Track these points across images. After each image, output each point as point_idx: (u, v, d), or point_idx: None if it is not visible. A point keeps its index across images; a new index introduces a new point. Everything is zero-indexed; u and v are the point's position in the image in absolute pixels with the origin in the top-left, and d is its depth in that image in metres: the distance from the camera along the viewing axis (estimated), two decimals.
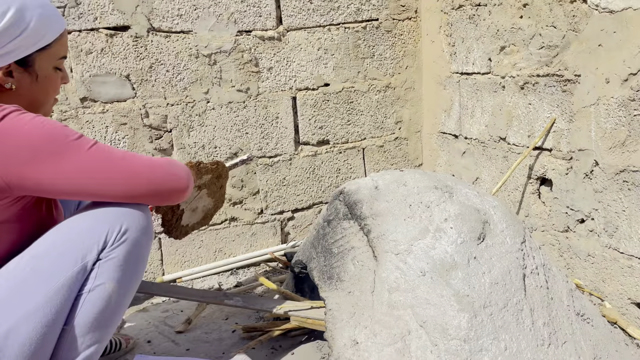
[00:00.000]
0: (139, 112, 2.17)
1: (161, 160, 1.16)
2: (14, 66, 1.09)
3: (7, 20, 1.04)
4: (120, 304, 1.15)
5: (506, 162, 2.22)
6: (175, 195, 1.16)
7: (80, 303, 1.08)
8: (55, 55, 1.16)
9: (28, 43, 1.08)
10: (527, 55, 2.02)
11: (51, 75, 1.16)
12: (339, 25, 2.47)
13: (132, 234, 1.13)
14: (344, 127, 2.58)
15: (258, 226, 2.48)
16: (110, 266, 1.10)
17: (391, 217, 1.36)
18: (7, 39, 1.05)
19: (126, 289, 1.15)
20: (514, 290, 1.23)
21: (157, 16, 2.14)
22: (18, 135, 1.00)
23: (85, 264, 1.07)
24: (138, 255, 1.15)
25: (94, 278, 1.09)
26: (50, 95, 1.19)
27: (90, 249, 1.08)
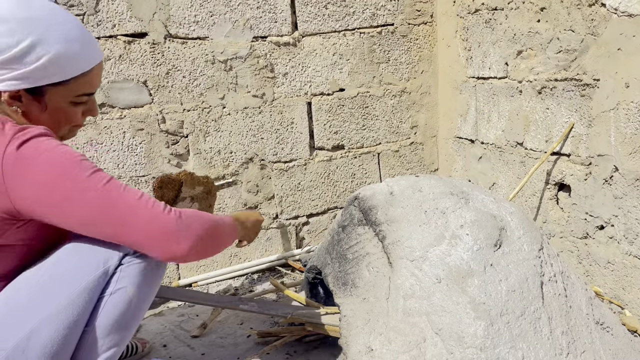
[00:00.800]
0: (156, 118, 2.19)
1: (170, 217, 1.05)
2: (23, 92, 1.06)
3: (19, 49, 1.01)
4: (140, 308, 1.17)
5: (523, 168, 2.19)
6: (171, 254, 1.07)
7: (101, 305, 1.11)
8: (72, 92, 1.10)
9: (39, 75, 1.04)
10: (545, 59, 2.00)
11: (64, 109, 1.11)
12: (354, 30, 2.48)
13: None
14: (359, 132, 2.57)
15: (273, 231, 2.48)
16: (132, 271, 1.12)
17: (406, 223, 1.35)
18: (17, 66, 1.02)
19: (146, 293, 1.17)
20: (532, 298, 1.21)
21: (174, 23, 2.17)
22: (33, 168, 0.98)
23: (107, 269, 1.10)
24: (158, 262, 1.17)
25: (115, 282, 1.12)
26: (61, 126, 1.14)
27: (112, 254, 1.10)
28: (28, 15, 1.02)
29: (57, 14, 1.06)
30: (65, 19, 1.07)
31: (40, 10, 1.04)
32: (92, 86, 1.13)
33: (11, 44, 1.00)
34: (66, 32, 1.05)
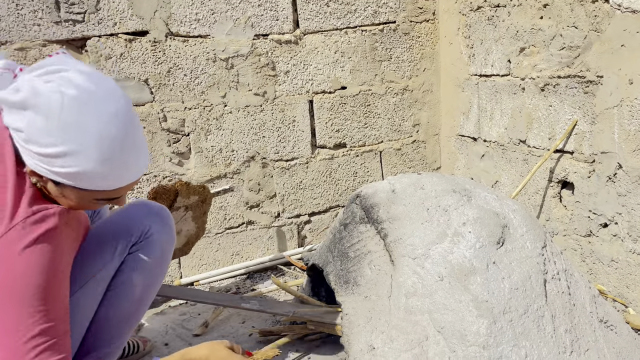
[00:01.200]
0: (157, 116, 2.19)
1: None
2: (45, 177, 0.98)
3: (49, 151, 0.92)
4: (142, 301, 1.24)
5: (526, 165, 2.18)
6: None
7: (107, 298, 1.19)
8: (95, 196, 1.02)
9: (61, 178, 0.96)
10: (548, 56, 1.99)
11: (84, 204, 1.03)
12: (355, 28, 2.47)
13: (156, 235, 1.25)
14: (361, 130, 2.56)
15: (275, 229, 2.47)
16: (136, 262, 1.21)
17: (408, 221, 1.34)
18: (43, 161, 0.94)
19: (148, 287, 1.24)
20: (535, 296, 1.20)
21: (175, 21, 2.16)
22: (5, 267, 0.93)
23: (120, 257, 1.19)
24: (160, 255, 1.25)
25: (121, 272, 1.21)
26: (80, 209, 1.09)
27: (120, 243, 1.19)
28: (73, 121, 0.91)
29: (108, 126, 0.93)
30: (114, 133, 0.94)
31: (91, 118, 0.92)
32: (120, 192, 1.04)
33: (43, 143, 0.91)
34: (106, 151, 0.94)
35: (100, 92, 0.95)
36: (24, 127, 0.92)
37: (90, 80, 0.95)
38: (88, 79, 0.95)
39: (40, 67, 0.96)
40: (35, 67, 0.96)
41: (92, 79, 0.95)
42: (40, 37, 2.00)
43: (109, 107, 0.95)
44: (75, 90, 0.92)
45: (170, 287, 1.88)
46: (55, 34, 2.02)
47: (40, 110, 0.91)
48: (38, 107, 0.91)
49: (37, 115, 0.91)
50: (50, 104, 0.91)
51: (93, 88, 0.94)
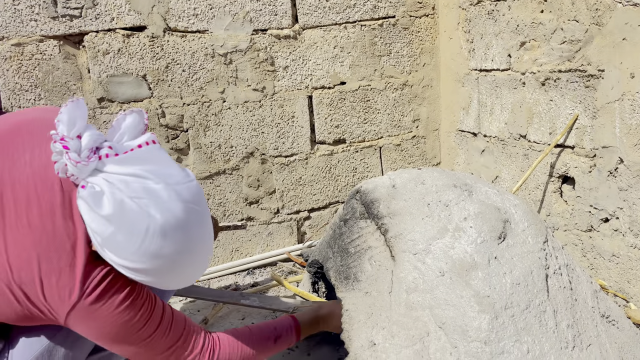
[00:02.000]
0: (156, 112, 2.17)
1: None
2: None
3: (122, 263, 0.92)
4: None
5: (527, 160, 2.17)
6: None
7: None
8: None
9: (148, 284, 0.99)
10: (549, 50, 1.97)
11: None
12: (355, 23, 2.45)
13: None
14: (361, 126, 2.55)
15: (274, 226, 2.46)
16: None
17: (409, 216, 1.33)
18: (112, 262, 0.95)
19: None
20: (537, 291, 1.19)
21: (173, 16, 2.15)
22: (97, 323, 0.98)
23: None
24: None
25: None
26: None
27: None
28: (153, 250, 0.90)
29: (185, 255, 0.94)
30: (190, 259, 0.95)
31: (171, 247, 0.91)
32: None
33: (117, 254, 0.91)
34: (178, 271, 0.96)
35: (185, 220, 0.92)
36: (102, 234, 0.89)
37: (176, 201, 0.91)
38: (176, 198, 0.91)
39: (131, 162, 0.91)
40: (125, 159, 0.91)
41: (180, 197, 0.91)
42: (37, 33, 1.99)
43: (192, 235, 0.93)
44: (162, 216, 0.89)
45: None
46: (52, 30, 2.00)
47: (123, 229, 0.88)
48: (121, 226, 0.88)
49: (119, 233, 0.89)
50: (135, 227, 0.89)
51: (180, 214, 0.91)
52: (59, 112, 0.93)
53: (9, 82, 1.98)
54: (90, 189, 0.89)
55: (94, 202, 0.88)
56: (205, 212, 0.97)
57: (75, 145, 0.90)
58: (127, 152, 0.93)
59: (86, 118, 0.95)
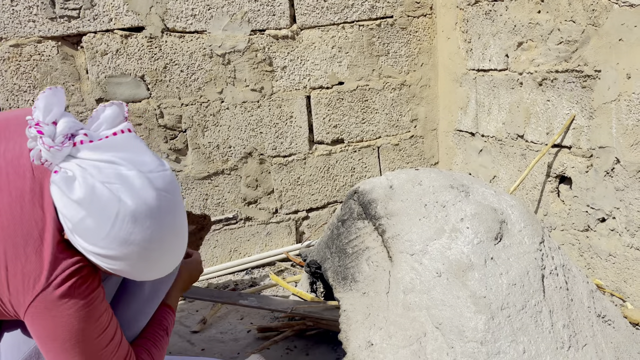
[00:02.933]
0: (154, 113, 2.18)
1: None
2: None
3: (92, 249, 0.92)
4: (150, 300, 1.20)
5: (524, 160, 2.18)
6: None
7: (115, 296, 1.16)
8: None
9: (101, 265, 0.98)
10: (545, 50, 1.98)
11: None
12: (353, 23, 2.46)
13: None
14: (359, 126, 2.56)
15: (273, 226, 2.47)
16: None
17: (406, 217, 1.34)
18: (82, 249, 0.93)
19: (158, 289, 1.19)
20: (533, 292, 1.20)
21: (171, 16, 2.15)
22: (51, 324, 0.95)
23: None
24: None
25: None
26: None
27: None
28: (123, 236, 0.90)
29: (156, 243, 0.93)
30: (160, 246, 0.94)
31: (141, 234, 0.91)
32: None
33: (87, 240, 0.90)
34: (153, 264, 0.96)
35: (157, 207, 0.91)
36: (73, 219, 0.89)
37: (148, 188, 0.90)
38: (148, 185, 0.90)
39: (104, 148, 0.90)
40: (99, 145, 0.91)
41: (151, 185, 0.91)
42: (36, 34, 1.99)
43: (163, 223, 0.93)
44: (133, 202, 0.89)
45: None
46: (51, 30, 2.00)
47: (93, 214, 0.88)
48: (92, 211, 0.88)
49: (89, 218, 0.88)
50: (105, 212, 0.88)
51: (151, 202, 0.90)
52: (37, 99, 0.94)
53: (7, 83, 1.98)
54: (62, 174, 0.89)
55: (66, 187, 0.88)
56: (179, 202, 0.96)
57: (49, 131, 0.90)
58: (101, 139, 0.92)
59: (63, 106, 0.95)
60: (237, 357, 1.65)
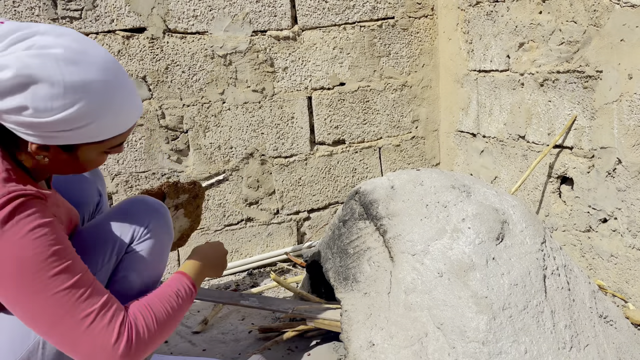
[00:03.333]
0: (155, 113, 2.18)
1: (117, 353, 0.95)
2: (53, 146, 0.98)
3: (65, 114, 0.92)
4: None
5: (525, 161, 2.18)
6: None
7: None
8: (106, 146, 1.03)
9: (78, 138, 0.97)
10: (547, 51, 1.98)
11: (93, 159, 1.05)
12: (354, 24, 2.46)
13: (155, 230, 1.22)
14: (360, 127, 2.56)
15: (274, 226, 2.47)
16: (133, 258, 1.19)
17: (407, 218, 1.34)
18: (59, 129, 0.93)
19: (147, 284, 1.21)
20: (534, 292, 1.20)
21: (173, 17, 2.15)
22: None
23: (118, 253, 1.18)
24: (159, 251, 1.23)
25: (120, 270, 1.19)
26: (86, 170, 1.08)
27: (122, 242, 1.18)
28: (79, 80, 0.92)
29: (106, 72, 0.96)
30: (113, 75, 0.97)
31: (90, 69, 0.93)
32: (126, 137, 1.07)
33: (54, 109, 0.91)
34: (114, 98, 0.97)
35: (79, 43, 0.95)
36: (29, 102, 0.89)
37: (63, 36, 0.94)
38: (60, 35, 0.94)
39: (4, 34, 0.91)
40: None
41: (62, 34, 0.94)
42: None
43: (97, 53, 0.96)
44: (61, 49, 0.91)
45: None
46: None
47: (41, 79, 0.89)
48: (37, 78, 0.89)
49: (40, 86, 0.89)
50: (47, 70, 0.89)
51: (71, 43, 0.94)
52: None
53: None
54: None
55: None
56: (89, 39, 0.99)
57: None
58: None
59: None
60: (239, 357, 1.65)
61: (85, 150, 1.01)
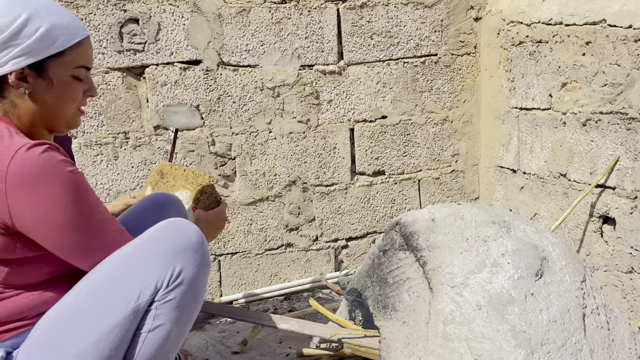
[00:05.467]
0: (206, 140, 2.30)
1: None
2: (27, 71, 1.10)
3: (17, 24, 1.07)
4: (179, 339, 1.16)
5: (566, 199, 2.18)
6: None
7: (140, 342, 1.09)
8: (71, 63, 1.15)
9: (39, 47, 1.09)
10: (590, 92, 2.01)
11: (68, 83, 1.15)
12: (398, 60, 2.55)
13: (187, 274, 1.11)
14: (400, 159, 2.62)
15: (313, 253, 2.53)
16: (168, 308, 1.09)
17: (448, 250, 1.38)
18: (18, 42, 1.08)
19: (184, 326, 1.16)
20: (573, 330, 1.21)
21: (227, 51, 2.29)
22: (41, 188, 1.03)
23: (138, 306, 1.07)
24: (194, 294, 1.14)
25: (152, 319, 1.09)
26: (67, 104, 1.18)
27: (144, 290, 1.08)
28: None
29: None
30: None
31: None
32: (87, 59, 1.18)
33: (7, 22, 1.06)
34: (53, 7, 1.14)
35: None
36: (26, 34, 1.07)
37: None
38: None
39: None
40: None
41: None
42: (104, 65, 2.16)
43: None
44: None
45: (213, 304, 1.95)
46: (117, 62, 2.17)
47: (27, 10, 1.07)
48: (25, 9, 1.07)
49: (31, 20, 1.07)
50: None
51: None
52: None
53: None
54: None
55: None
56: None
57: None
58: None
59: None
60: None
61: (54, 67, 1.13)
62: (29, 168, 1.02)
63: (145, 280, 1.08)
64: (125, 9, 2.14)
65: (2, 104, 1.14)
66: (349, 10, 2.43)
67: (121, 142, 2.21)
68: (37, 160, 1.03)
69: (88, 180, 2.13)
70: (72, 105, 1.19)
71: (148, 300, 1.08)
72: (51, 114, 1.17)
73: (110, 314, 1.06)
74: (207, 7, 2.24)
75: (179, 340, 1.16)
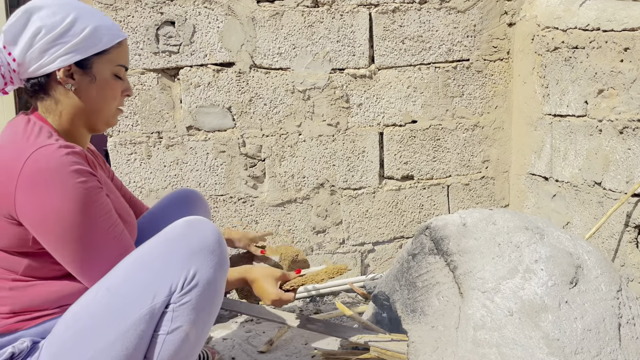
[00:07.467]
0: (237, 142, 2.33)
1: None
2: (74, 68, 1.17)
3: (65, 23, 1.15)
4: (199, 340, 1.17)
5: (601, 208, 2.13)
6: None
7: (159, 343, 1.10)
8: (113, 61, 1.23)
9: (86, 45, 1.17)
10: (628, 99, 1.96)
11: (110, 81, 1.22)
12: (429, 64, 2.53)
13: (202, 276, 1.11)
14: (429, 164, 2.60)
15: (339, 256, 2.53)
16: (185, 310, 1.10)
17: (479, 255, 1.37)
18: (66, 39, 1.15)
19: (203, 327, 1.16)
20: (608, 339, 1.19)
21: (259, 54, 2.32)
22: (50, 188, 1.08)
23: (153, 307, 1.08)
24: (211, 295, 1.14)
25: (170, 321, 1.10)
26: (108, 102, 1.24)
27: (158, 293, 1.09)
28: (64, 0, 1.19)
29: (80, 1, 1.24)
30: (88, 5, 1.25)
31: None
32: (126, 58, 1.27)
33: (57, 21, 1.14)
34: (96, 10, 1.22)
35: None
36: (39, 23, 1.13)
37: None
38: None
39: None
40: None
41: None
42: (140, 66, 2.21)
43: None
44: None
45: (241, 302, 1.97)
46: (153, 63, 2.22)
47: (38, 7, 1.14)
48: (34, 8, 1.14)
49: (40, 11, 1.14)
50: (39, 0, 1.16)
51: None
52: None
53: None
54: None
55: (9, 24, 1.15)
56: None
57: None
58: None
59: None
60: None
61: (98, 65, 1.20)
62: (40, 171, 1.07)
63: (158, 282, 1.09)
64: (162, 12, 2.19)
65: (45, 102, 1.19)
66: (381, 14, 2.43)
67: (154, 141, 2.26)
68: (50, 165, 1.07)
69: (122, 179, 2.20)
70: (113, 103, 1.27)
71: (164, 301, 1.09)
72: (93, 111, 1.23)
73: (125, 315, 1.08)
74: (241, 10, 2.27)
75: (199, 341, 1.16)
